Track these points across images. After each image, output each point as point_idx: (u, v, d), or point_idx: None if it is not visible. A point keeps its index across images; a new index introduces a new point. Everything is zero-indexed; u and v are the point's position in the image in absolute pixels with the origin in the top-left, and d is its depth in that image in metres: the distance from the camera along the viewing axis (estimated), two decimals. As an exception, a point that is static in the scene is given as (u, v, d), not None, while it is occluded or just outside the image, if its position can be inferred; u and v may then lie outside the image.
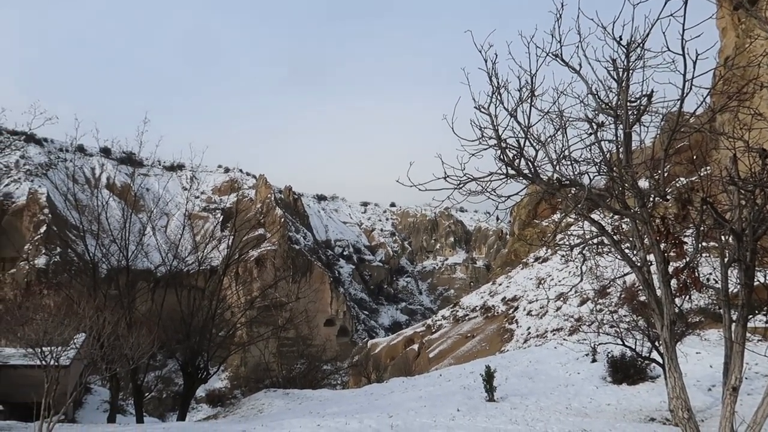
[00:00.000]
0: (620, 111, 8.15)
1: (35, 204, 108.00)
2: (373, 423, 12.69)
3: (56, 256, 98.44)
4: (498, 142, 8.24)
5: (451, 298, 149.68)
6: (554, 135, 8.37)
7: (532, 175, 8.33)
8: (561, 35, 7.81)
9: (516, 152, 8.29)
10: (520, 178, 8.52)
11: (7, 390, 25.65)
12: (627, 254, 8.96)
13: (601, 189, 9.29)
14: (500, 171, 8.34)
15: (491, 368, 17.48)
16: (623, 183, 8.38)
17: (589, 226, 9.32)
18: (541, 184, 8.44)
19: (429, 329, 63.79)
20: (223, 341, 29.88)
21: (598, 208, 9.85)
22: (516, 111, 8.13)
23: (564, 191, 9.03)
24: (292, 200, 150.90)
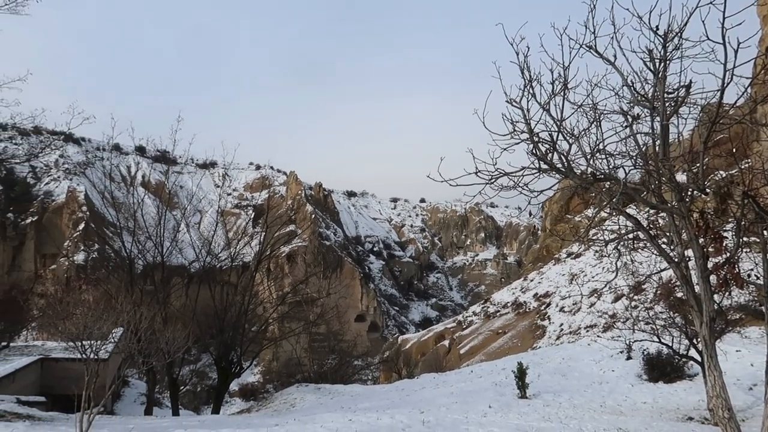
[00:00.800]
0: (657, 103, 7.95)
1: (74, 202, 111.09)
2: (404, 418, 12.69)
3: (94, 252, 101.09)
4: (530, 136, 8.13)
5: (481, 294, 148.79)
6: (588, 128, 8.22)
7: (566, 170, 8.19)
8: (595, 26, 7.66)
9: (549, 146, 8.17)
10: (553, 173, 8.39)
11: (49, 382, 26.45)
12: (664, 250, 8.75)
13: (636, 183, 9.10)
14: (533, 165, 8.23)
15: (523, 365, 17.31)
16: (660, 176, 8.18)
17: (625, 221, 9.14)
18: (575, 179, 8.30)
19: (460, 325, 63.52)
20: (256, 336, 30.25)
21: (634, 202, 9.64)
22: (549, 104, 8.01)
23: (598, 185, 8.86)
24: (323, 196, 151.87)
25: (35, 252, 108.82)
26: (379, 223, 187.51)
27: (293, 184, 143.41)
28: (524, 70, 7.97)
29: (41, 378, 26.79)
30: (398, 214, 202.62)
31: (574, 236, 40.11)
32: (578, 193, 38.56)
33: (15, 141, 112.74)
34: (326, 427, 11.15)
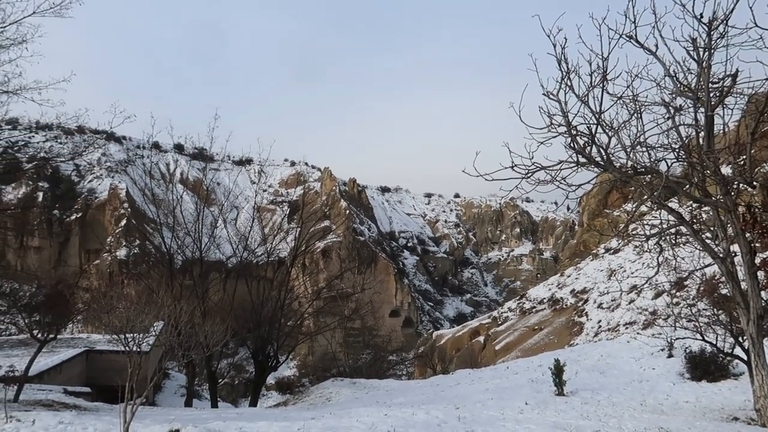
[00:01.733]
0: (701, 93, 7.70)
1: (116, 199, 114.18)
2: (440, 414, 12.66)
3: (135, 248, 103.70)
4: (568, 129, 7.98)
5: (517, 289, 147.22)
6: (628, 120, 8.02)
7: (605, 163, 8.01)
8: (635, 15, 7.46)
9: (587, 139, 8.01)
10: (592, 166, 8.22)
11: (94, 373, 27.33)
12: (708, 245, 8.49)
13: (679, 176, 8.84)
14: (570, 159, 8.08)
15: (560, 362, 17.06)
16: (704, 169, 7.93)
17: (666, 216, 8.89)
18: (615, 172, 8.12)
19: (495, 321, 63.01)
20: (291, 331, 30.61)
21: (676, 196, 9.38)
22: (587, 96, 7.84)
23: (638, 179, 8.64)
24: (357, 192, 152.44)
25: (80, 247, 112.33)
26: (413, 219, 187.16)
27: (327, 179, 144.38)
28: (561, 62, 7.83)
29: (86, 369, 27.71)
30: (432, 209, 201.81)
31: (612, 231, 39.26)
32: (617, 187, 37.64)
33: (59, 140, 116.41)
34: (362, 422, 11.21)
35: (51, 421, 10.14)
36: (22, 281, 71.23)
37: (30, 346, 28.59)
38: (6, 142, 22.48)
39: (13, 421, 10.13)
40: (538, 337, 47.54)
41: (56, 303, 16.35)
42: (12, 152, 22.44)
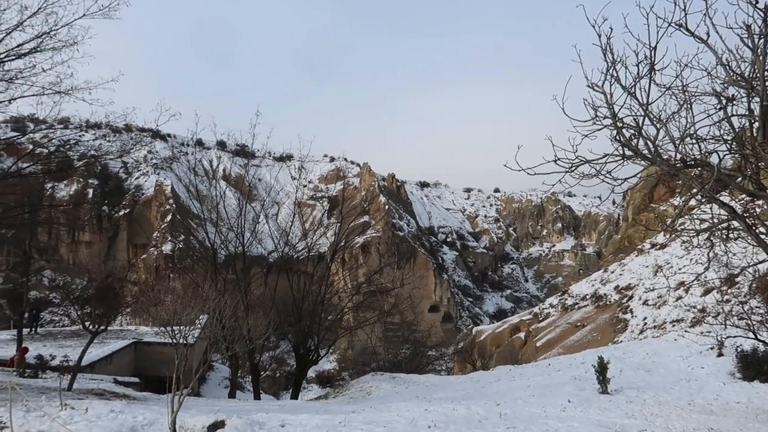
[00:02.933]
0: (756, 82, 7.38)
1: (161, 195, 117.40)
2: (480, 410, 12.58)
3: (180, 242, 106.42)
4: (613, 121, 7.77)
5: (558, 285, 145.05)
6: (677, 112, 7.76)
7: (652, 156, 7.78)
8: (685, 2, 7.19)
9: (634, 131, 7.78)
10: (639, 159, 7.99)
11: (141, 364, 28.24)
12: (762, 240, 8.16)
13: (731, 169, 8.51)
14: (616, 152, 7.87)
15: (604, 359, 16.71)
16: (758, 161, 7.62)
17: (717, 210, 8.58)
18: (663, 165, 7.87)
19: (536, 317, 62.16)
20: (332, 325, 30.89)
21: (728, 189, 9.04)
22: (634, 88, 7.62)
23: (688, 172, 8.36)
24: (395, 187, 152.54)
25: (128, 242, 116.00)
26: (452, 214, 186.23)
27: (366, 175, 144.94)
28: (607, 52, 7.62)
29: (135, 360, 28.66)
30: (471, 204, 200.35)
31: (659, 226, 38.16)
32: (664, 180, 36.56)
33: (107, 138, 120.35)
34: (402, 416, 11.23)
35: (103, 409, 10.51)
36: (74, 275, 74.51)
37: (82, 337, 29.72)
38: (58, 141, 23.32)
39: (68, 408, 10.54)
40: (580, 334, 46.70)
41: (106, 296, 16.93)
42: (64, 151, 23.21)
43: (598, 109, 7.79)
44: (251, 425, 8.97)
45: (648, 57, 7.43)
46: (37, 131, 26.79)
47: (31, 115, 57.19)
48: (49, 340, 31.40)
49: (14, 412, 9.44)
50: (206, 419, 9.41)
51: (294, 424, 9.62)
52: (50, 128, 25.13)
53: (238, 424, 8.87)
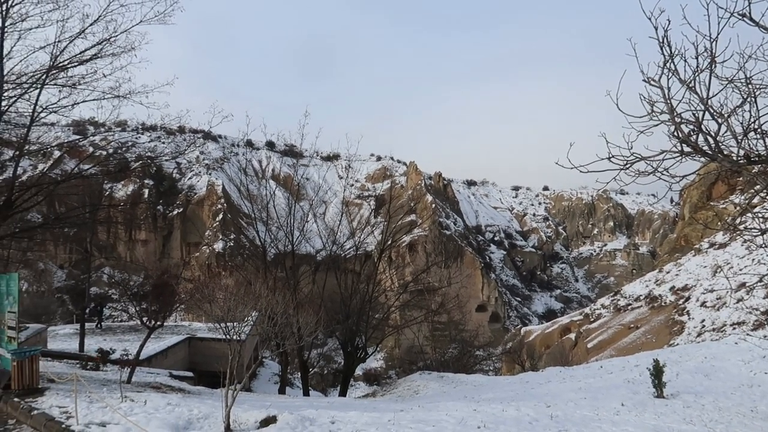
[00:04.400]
0: (826, 73, 7.00)
1: (213, 194, 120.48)
2: (530, 412, 12.40)
3: (231, 241, 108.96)
4: (671, 116, 7.50)
5: (610, 286, 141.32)
6: (740, 106, 7.43)
7: (713, 152, 7.47)
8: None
9: (693, 127, 7.49)
10: (698, 156, 7.69)
11: (195, 359, 29.11)
12: (833, 239, 7.74)
13: (798, 165, 8.09)
14: (674, 149, 7.60)
15: (660, 362, 16.18)
16: (829, 157, 7.21)
17: (784, 208, 8.18)
18: (724, 162, 7.55)
19: (587, 318, 60.74)
20: (379, 323, 31.02)
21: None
22: (693, 81, 7.33)
23: (750, 169, 7.99)
24: (442, 186, 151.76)
25: (181, 240, 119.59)
26: (499, 212, 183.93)
27: (413, 174, 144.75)
28: (664, 45, 7.36)
29: (189, 355, 29.56)
30: (520, 202, 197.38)
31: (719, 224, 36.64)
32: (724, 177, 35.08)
33: (162, 140, 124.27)
34: (451, 416, 11.19)
35: (160, 402, 10.88)
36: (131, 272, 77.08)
37: (139, 332, 30.90)
38: (116, 143, 24.24)
39: (128, 401, 10.98)
40: (634, 336, 45.38)
41: (162, 292, 17.54)
42: (121, 152, 24.08)
43: (654, 104, 7.54)
44: (302, 421, 9.11)
45: (708, 49, 7.14)
46: (96, 134, 27.97)
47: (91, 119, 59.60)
48: (108, 334, 32.78)
49: (79, 402, 9.89)
50: (258, 414, 9.61)
51: (344, 421, 9.72)
52: (109, 131, 26.14)
53: (290, 420, 9.02)
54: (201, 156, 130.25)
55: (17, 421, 10.07)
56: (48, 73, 14.72)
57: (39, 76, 14.70)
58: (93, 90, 15.58)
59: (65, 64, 14.94)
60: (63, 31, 14.71)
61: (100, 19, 14.71)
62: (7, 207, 15.14)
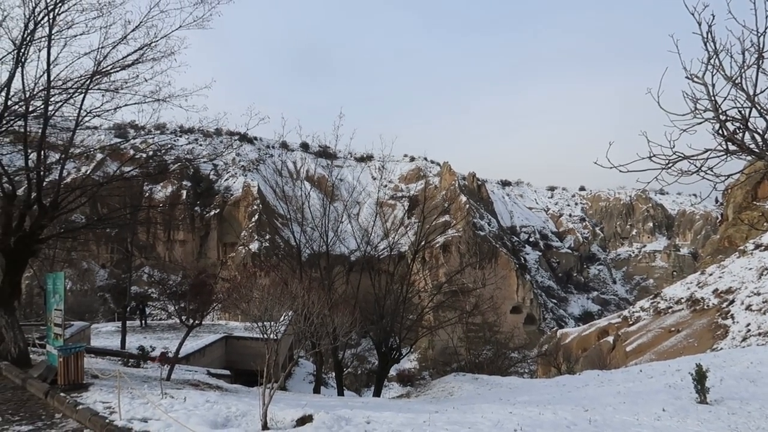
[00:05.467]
0: None
1: (249, 195, 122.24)
2: (568, 415, 12.20)
3: (266, 241, 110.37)
4: (716, 114, 7.28)
5: (649, 288, 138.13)
6: (789, 102, 7.16)
7: (760, 150, 7.23)
8: (798, -17, 6.64)
9: (739, 124, 7.26)
10: (744, 154, 7.44)
11: (231, 357, 29.58)
12: None
13: None
14: (719, 147, 7.37)
15: (703, 367, 15.72)
16: None
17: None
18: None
19: (625, 321, 59.41)
20: (413, 324, 30.96)
21: None
22: (739, 77, 7.11)
23: (800, 167, 7.70)
24: (476, 186, 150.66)
25: (218, 241, 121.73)
26: (535, 213, 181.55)
27: (447, 174, 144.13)
28: (708, 41, 7.16)
29: (225, 353, 30.05)
30: (555, 203, 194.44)
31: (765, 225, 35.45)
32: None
33: (199, 142, 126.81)
34: (487, 418, 11.09)
35: (199, 399, 11.09)
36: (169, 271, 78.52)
37: (177, 330, 31.58)
38: (156, 146, 24.82)
39: (168, 397, 11.22)
40: (675, 340, 44.19)
41: (200, 292, 17.88)
42: (160, 155, 24.60)
43: (698, 101, 7.33)
44: (338, 421, 9.16)
45: (755, 44, 6.91)
46: (137, 137, 28.68)
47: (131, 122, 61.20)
48: (148, 332, 33.61)
49: (121, 398, 10.16)
50: (295, 413, 9.70)
51: (379, 421, 9.73)
52: (148, 134, 26.78)
53: (326, 419, 9.08)
54: (237, 158, 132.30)
55: (63, 415, 10.40)
56: (92, 78, 15.17)
57: (84, 81, 15.16)
58: (134, 94, 16.03)
59: (108, 70, 15.38)
60: (106, 38, 15.18)
61: (141, 25, 15.11)
62: (53, 208, 15.65)
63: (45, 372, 13.42)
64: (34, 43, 14.59)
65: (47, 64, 14.77)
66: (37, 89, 15.00)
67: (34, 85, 15.03)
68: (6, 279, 15.65)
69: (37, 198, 15.46)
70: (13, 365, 14.97)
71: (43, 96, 14.96)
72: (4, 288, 15.47)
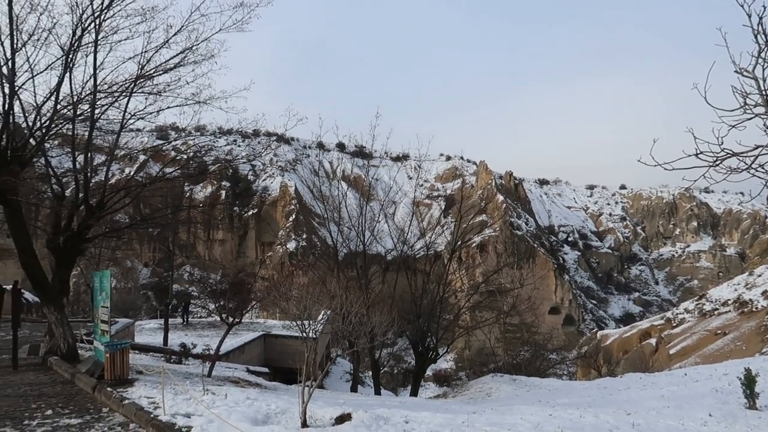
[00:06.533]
0: None
1: (286, 195, 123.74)
2: (610, 419, 11.95)
3: (303, 240, 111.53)
4: (767, 109, 7.04)
5: (694, 289, 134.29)
6: None
7: (815, 147, 6.93)
8: None
9: (792, 120, 6.98)
10: (797, 151, 7.15)
11: (270, 355, 29.97)
12: None
13: None
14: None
15: (752, 371, 15.17)
16: None
17: None
18: (828, 156, 6.99)
19: (669, 323, 57.97)
20: (450, 324, 30.84)
21: None
22: (792, 71, 6.84)
23: None
24: (513, 185, 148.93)
25: (256, 240, 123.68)
26: (573, 212, 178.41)
27: (483, 173, 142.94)
28: (758, 33, 6.91)
29: (264, 351, 30.45)
30: (595, 202, 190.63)
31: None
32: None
33: (237, 143, 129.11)
34: (527, 420, 10.95)
35: (240, 396, 11.28)
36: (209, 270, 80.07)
37: (217, 327, 32.17)
38: (196, 147, 25.29)
39: (209, 393, 11.45)
40: (721, 343, 42.88)
41: (239, 290, 18.20)
42: (200, 156, 25.08)
43: (748, 96, 7.09)
44: (376, 420, 9.19)
45: (809, 35, 6.65)
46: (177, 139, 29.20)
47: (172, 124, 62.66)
48: (189, 329, 34.37)
49: (165, 393, 10.41)
50: (333, 411, 9.77)
51: (417, 421, 9.72)
52: (189, 135, 27.30)
53: (365, 418, 9.12)
54: (275, 158, 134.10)
55: (110, 410, 10.72)
56: (136, 81, 15.59)
57: (128, 85, 15.59)
58: (176, 97, 16.41)
59: (151, 73, 15.77)
60: (149, 42, 15.59)
61: (182, 29, 15.45)
62: (100, 208, 16.15)
63: (92, 367, 13.86)
64: (81, 49, 15.05)
65: (94, 69, 15.25)
66: (84, 93, 15.49)
67: (81, 90, 15.53)
68: (55, 277, 16.24)
69: (85, 198, 15.98)
70: (62, 360, 15.53)
71: (89, 100, 15.44)
72: (54, 286, 16.05)
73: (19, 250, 15.48)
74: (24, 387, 13.02)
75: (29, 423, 9.72)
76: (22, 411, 10.60)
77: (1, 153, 14.31)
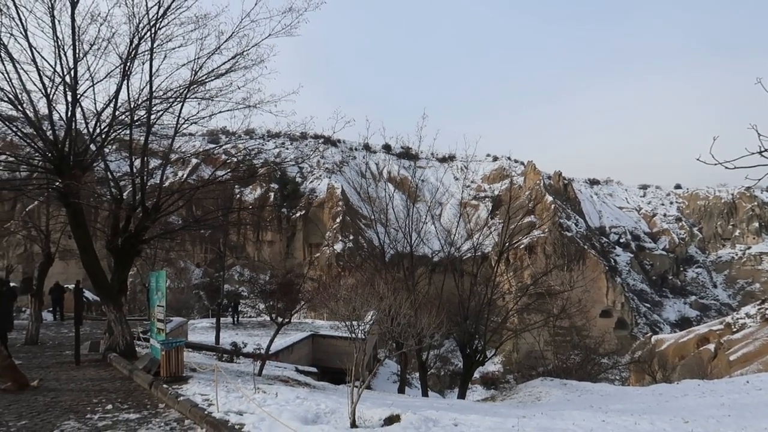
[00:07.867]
0: None
1: (333, 197, 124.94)
2: (667, 426, 11.55)
3: (350, 242, 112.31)
4: (838, 104, 6.67)
5: (755, 293, 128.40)
6: None
7: None
8: None
9: None
10: None
11: (318, 355, 30.32)
12: None
13: None
14: (841, 139, 6.73)
15: (821, 380, 14.40)
16: None
17: None
18: None
19: (728, 328, 55.58)
20: (498, 327, 30.46)
21: None
22: None
23: None
24: (562, 186, 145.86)
25: (304, 241, 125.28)
26: (625, 213, 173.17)
27: (531, 173, 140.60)
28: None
29: (312, 351, 30.83)
30: (648, 202, 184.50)
31: None
32: None
33: (285, 146, 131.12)
34: (578, 425, 10.71)
35: (290, 395, 11.45)
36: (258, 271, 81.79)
37: (266, 327, 32.76)
38: (246, 150, 25.87)
39: (260, 392, 11.67)
40: (786, 350, 40.83)
41: (288, 291, 18.48)
42: (250, 159, 25.59)
43: (816, 90, 6.74)
44: (425, 422, 9.16)
45: None
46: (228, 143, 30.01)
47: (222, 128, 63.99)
48: (239, 329, 35.13)
49: (218, 391, 10.67)
50: (382, 412, 9.80)
51: (466, 423, 9.64)
52: (238, 139, 27.83)
53: (413, 420, 9.10)
54: (321, 160, 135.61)
55: (166, 406, 11.06)
56: (189, 87, 16.07)
57: (182, 91, 16.09)
58: (227, 101, 16.84)
59: (204, 79, 16.24)
60: (202, 49, 16.05)
61: (233, 35, 15.83)
62: (155, 210, 16.73)
63: (149, 364, 14.35)
64: (138, 57, 15.63)
65: (149, 76, 15.81)
66: (141, 100, 16.08)
67: (138, 96, 16.12)
68: (114, 277, 16.92)
69: (141, 201, 16.58)
70: (121, 357, 16.14)
71: (146, 106, 16.01)
72: (113, 285, 16.72)
73: (81, 250, 16.18)
74: (86, 382, 13.59)
75: (91, 417, 10.14)
76: (84, 405, 11.07)
77: (64, 158, 14.99)
